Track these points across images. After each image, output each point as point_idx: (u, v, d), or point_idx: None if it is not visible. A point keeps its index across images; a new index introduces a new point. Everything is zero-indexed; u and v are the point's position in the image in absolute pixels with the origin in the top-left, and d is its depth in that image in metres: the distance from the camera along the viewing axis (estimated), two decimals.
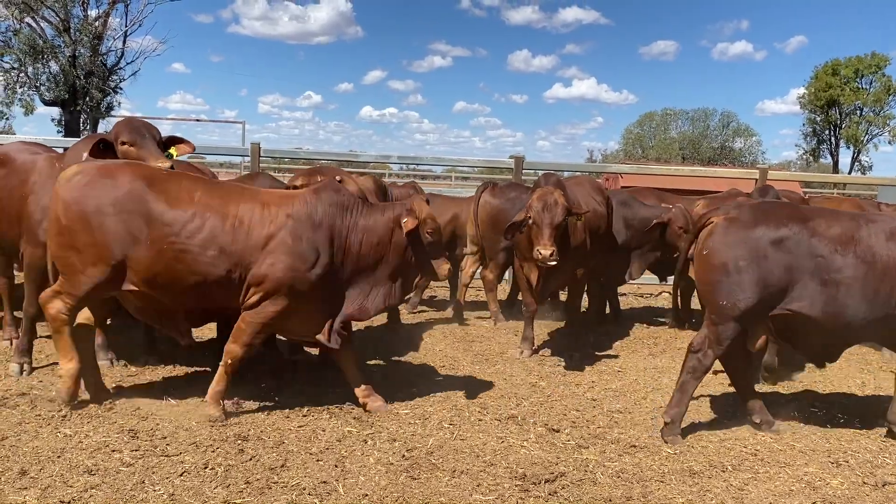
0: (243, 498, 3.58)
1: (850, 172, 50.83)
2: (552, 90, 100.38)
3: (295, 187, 5.52)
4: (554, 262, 5.70)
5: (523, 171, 10.30)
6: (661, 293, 10.33)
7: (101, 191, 4.36)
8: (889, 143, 54.82)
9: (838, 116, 55.39)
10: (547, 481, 3.89)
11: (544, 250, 5.66)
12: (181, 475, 3.77)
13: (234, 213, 4.44)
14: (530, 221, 5.88)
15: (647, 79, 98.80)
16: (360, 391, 4.89)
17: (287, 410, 4.77)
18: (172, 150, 5.29)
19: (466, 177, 29.57)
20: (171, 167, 4.83)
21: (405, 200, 4.97)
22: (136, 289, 4.44)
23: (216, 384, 4.59)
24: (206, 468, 3.86)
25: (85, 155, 4.93)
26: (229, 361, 4.55)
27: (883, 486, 4.03)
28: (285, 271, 4.40)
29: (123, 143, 4.98)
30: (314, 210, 4.55)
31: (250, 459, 4.00)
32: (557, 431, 4.65)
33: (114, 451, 4.01)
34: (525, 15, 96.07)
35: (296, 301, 4.49)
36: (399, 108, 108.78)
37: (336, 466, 3.96)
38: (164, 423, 4.46)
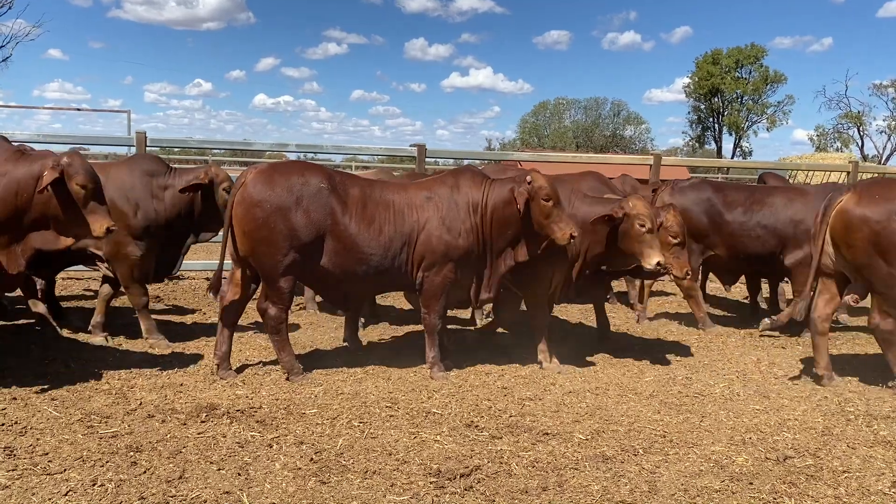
0: None
1: (732, 157, 53.63)
2: (449, 79, 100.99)
3: None
4: None
5: (426, 159, 10.20)
6: None
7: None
8: (767, 129, 58.35)
9: (721, 104, 58.31)
10: (462, 476, 3.78)
11: None
12: (66, 494, 3.43)
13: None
14: None
15: (542, 68, 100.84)
16: None
17: (184, 416, 4.47)
18: None
19: (367, 166, 29.26)
20: None
21: None
22: None
23: None
24: (94, 485, 3.53)
25: None
26: None
27: (784, 460, 4.15)
28: None
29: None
30: None
31: (144, 472, 3.69)
32: (471, 424, 4.56)
33: None
34: (421, 2, 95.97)
35: None
36: (294, 96, 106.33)
37: (239, 475, 3.71)
38: (45, 437, 4.08)
